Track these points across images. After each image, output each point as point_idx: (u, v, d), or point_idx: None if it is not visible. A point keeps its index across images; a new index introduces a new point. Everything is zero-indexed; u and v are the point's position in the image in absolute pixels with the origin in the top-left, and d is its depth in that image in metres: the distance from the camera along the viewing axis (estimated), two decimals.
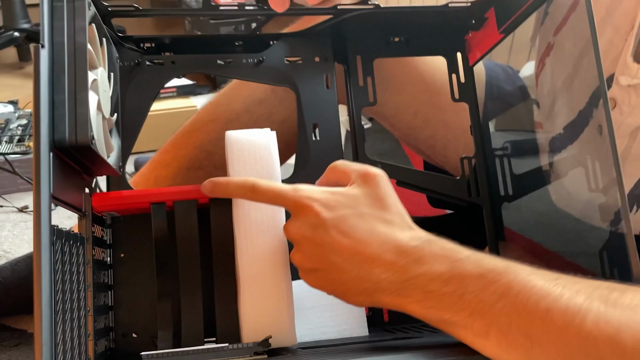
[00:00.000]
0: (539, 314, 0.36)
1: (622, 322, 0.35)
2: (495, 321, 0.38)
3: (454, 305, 0.39)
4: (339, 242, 0.42)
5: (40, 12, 0.40)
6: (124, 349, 0.53)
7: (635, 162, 0.63)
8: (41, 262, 0.36)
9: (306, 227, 0.43)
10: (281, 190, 0.45)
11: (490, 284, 0.39)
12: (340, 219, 0.43)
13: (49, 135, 0.39)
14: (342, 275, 0.42)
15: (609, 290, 0.37)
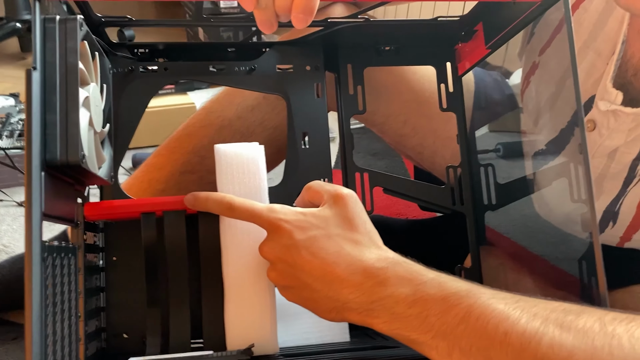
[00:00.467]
0: (498, 337, 0.38)
1: (575, 345, 0.37)
2: (458, 343, 0.39)
3: (419, 327, 0.41)
4: (310, 262, 0.44)
5: (32, 33, 0.42)
6: (115, 349, 0.55)
7: (612, 181, 0.64)
8: (32, 278, 0.38)
9: (279, 247, 0.45)
10: (256, 210, 0.47)
11: (452, 307, 0.40)
12: (311, 239, 0.45)
13: (41, 155, 0.40)
14: (313, 293, 0.44)
15: (565, 313, 0.39)
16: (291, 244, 0.45)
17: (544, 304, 0.40)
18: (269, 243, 0.47)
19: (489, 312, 0.39)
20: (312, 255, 0.44)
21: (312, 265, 0.44)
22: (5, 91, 1.63)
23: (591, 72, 0.64)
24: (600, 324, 0.38)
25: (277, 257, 0.46)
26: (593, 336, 0.37)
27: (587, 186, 0.48)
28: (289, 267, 0.45)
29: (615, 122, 0.61)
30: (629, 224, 0.66)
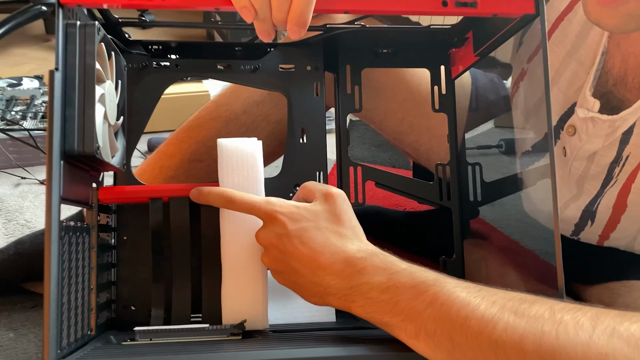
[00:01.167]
0: (459, 321, 0.43)
1: (526, 329, 0.41)
2: (424, 326, 0.44)
3: (390, 311, 0.46)
4: (299, 250, 0.49)
5: (55, 37, 0.47)
6: (123, 319, 0.61)
7: (592, 182, 0.68)
8: (50, 254, 0.43)
9: (273, 235, 0.51)
10: (254, 202, 0.53)
11: (420, 293, 0.45)
12: (301, 230, 0.50)
13: (60, 145, 0.46)
14: (299, 278, 0.50)
15: (520, 302, 0.44)
16: (284, 232, 0.50)
17: (503, 294, 0.45)
18: (264, 231, 0.52)
19: (453, 299, 0.44)
20: (301, 244, 0.49)
21: (301, 253, 0.49)
22: (30, 73, 1.70)
23: (573, 80, 0.67)
24: (550, 312, 0.42)
25: (271, 244, 0.51)
26: (543, 322, 0.42)
27: (552, 194, 0.52)
28: (280, 254, 0.50)
29: (593, 128, 0.65)
30: (605, 223, 0.70)
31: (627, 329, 0.41)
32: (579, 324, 0.41)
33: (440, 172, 0.71)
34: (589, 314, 0.42)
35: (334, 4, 0.50)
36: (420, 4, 0.51)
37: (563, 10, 0.69)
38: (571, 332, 0.41)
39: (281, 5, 0.48)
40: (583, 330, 0.41)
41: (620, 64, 0.64)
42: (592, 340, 0.40)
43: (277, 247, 0.51)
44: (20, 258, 0.83)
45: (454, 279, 0.47)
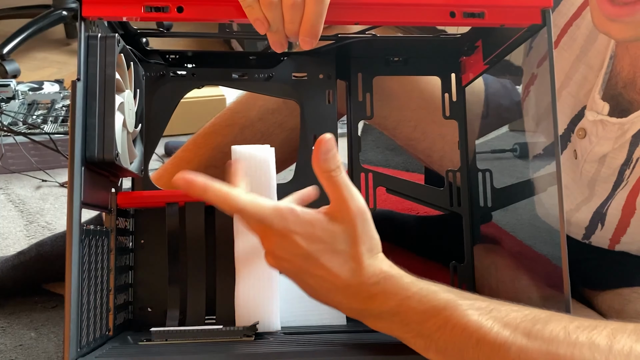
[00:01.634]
0: (471, 344, 0.43)
1: (542, 352, 0.41)
2: (434, 344, 0.45)
3: (400, 330, 0.47)
4: (312, 271, 0.48)
5: (77, 49, 0.49)
6: (140, 321, 0.63)
7: (603, 184, 0.69)
8: (71, 256, 0.46)
9: (286, 252, 0.48)
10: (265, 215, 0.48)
11: (430, 317, 0.45)
12: (317, 252, 0.47)
13: (82, 152, 0.48)
14: (311, 291, 0.49)
15: (533, 322, 0.43)
16: (299, 252, 0.47)
17: (515, 314, 0.45)
18: (276, 247, 0.48)
19: (464, 323, 0.44)
20: (316, 266, 0.48)
21: (315, 273, 0.48)
22: (51, 76, 1.74)
23: (583, 84, 0.68)
24: (565, 332, 0.42)
25: (282, 259, 0.48)
26: (557, 344, 0.41)
27: (559, 200, 0.53)
28: (293, 267, 0.48)
29: (603, 130, 0.66)
30: (616, 227, 0.70)
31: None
32: (595, 345, 0.41)
33: (451, 178, 0.72)
34: (605, 332, 0.42)
35: (344, 16, 0.52)
36: (428, 15, 0.53)
37: (571, 16, 0.70)
38: (587, 354, 0.41)
39: (293, 17, 0.49)
40: (599, 352, 0.41)
41: (629, 67, 0.64)
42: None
43: (290, 262, 0.48)
44: (41, 259, 0.86)
45: (466, 299, 0.46)
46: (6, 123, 1.27)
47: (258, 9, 0.49)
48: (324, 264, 0.48)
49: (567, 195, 0.75)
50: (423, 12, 0.53)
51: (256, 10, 0.49)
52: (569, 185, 0.74)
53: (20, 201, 1.14)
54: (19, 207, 1.12)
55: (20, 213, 1.10)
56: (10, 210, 1.11)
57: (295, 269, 0.49)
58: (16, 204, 1.13)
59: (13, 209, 1.11)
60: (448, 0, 0.52)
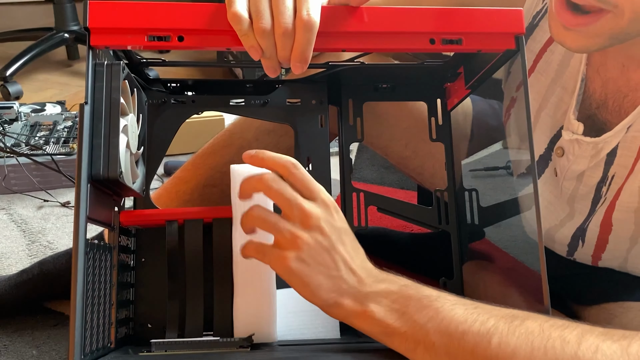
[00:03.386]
0: (457, 336, 0.47)
1: (518, 345, 0.46)
2: (423, 339, 0.48)
3: (396, 320, 0.50)
4: (340, 249, 0.53)
5: (85, 75, 0.53)
6: (140, 336, 0.66)
7: (582, 201, 0.72)
8: (77, 268, 0.49)
9: (327, 223, 0.53)
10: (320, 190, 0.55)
11: (424, 307, 0.49)
12: (340, 232, 0.54)
13: (88, 170, 0.51)
14: (333, 270, 0.52)
15: (513, 318, 0.48)
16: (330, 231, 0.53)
17: (497, 311, 0.49)
18: (315, 208, 0.53)
19: (452, 315, 0.49)
20: (342, 243, 0.53)
21: (340, 251, 0.53)
22: (52, 98, 1.78)
23: (559, 105, 0.72)
24: (540, 328, 0.47)
25: (323, 230, 0.52)
26: (532, 338, 0.46)
27: (537, 219, 0.56)
28: (328, 243, 0.52)
29: (579, 149, 0.70)
30: (595, 244, 0.74)
31: (610, 347, 0.45)
32: (566, 341, 0.45)
33: (439, 197, 0.75)
34: (575, 331, 0.46)
35: (332, 43, 0.56)
36: (410, 42, 0.57)
37: (545, 42, 0.74)
38: (558, 348, 0.45)
39: (285, 44, 0.53)
40: (569, 346, 0.45)
41: (600, 89, 0.68)
42: (577, 356, 0.44)
43: (327, 237, 0.52)
44: (43, 278, 0.88)
45: (454, 296, 0.51)
46: (9, 144, 1.30)
47: (252, 37, 0.53)
48: (346, 243, 0.54)
49: (550, 212, 0.78)
50: (405, 39, 0.57)
51: (251, 39, 0.53)
52: (552, 202, 0.77)
53: (22, 221, 1.16)
54: (21, 227, 1.14)
55: (22, 232, 1.12)
56: (12, 229, 1.14)
57: (326, 244, 0.53)
58: (18, 224, 1.15)
59: (15, 228, 1.14)
60: (428, 28, 0.56)
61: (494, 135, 0.93)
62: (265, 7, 0.52)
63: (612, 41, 0.59)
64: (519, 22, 0.58)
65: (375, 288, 0.52)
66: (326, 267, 0.52)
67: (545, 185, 0.77)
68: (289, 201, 0.53)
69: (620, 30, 0.57)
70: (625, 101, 0.66)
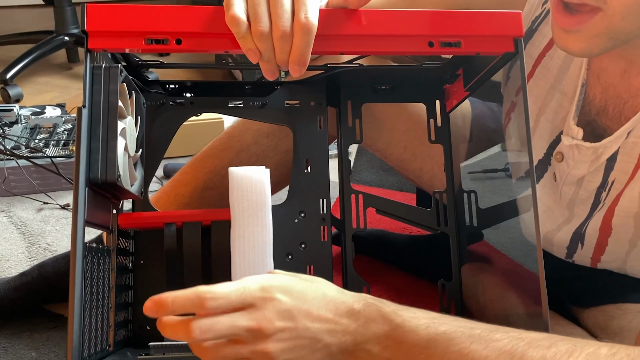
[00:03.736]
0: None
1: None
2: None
3: None
4: (308, 325, 0.47)
5: (83, 77, 0.53)
6: (139, 339, 0.66)
7: (581, 206, 0.72)
8: (75, 272, 0.49)
9: (280, 317, 0.47)
10: (247, 295, 0.46)
11: (416, 354, 0.47)
12: (296, 307, 0.47)
13: (86, 174, 0.51)
14: (316, 344, 0.48)
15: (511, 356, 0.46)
16: (285, 308, 0.47)
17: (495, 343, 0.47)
18: (261, 314, 0.46)
19: None
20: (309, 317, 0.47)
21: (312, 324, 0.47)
22: (52, 100, 1.78)
23: (559, 110, 0.72)
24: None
25: (281, 328, 0.46)
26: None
27: (535, 223, 0.56)
28: (295, 332, 0.47)
29: (579, 154, 0.69)
30: (594, 246, 0.73)
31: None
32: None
33: (437, 198, 0.75)
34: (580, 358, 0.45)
35: (330, 46, 0.56)
36: (408, 45, 0.57)
37: (544, 47, 0.74)
38: None
39: (283, 47, 0.53)
40: None
41: (600, 95, 0.68)
42: None
43: (289, 329, 0.47)
44: (42, 281, 0.88)
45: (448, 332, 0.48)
46: (9, 147, 1.30)
47: (250, 40, 0.53)
48: (312, 312, 0.48)
49: (548, 216, 0.78)
50: (403, 42, 0.56)
51: (249, 42, 0.53)
52: (550, 206, 0.77)
53: (22, 223, 1.16)
54: (21, 229, 1.14)
55: (22, 235, 1.12)
56: (12, 232, 1.14)
57: (293, 348, 0.47)
58: (18, 226, 1.15)
59: (15, 231, 1.14)
60: (426, 31, 0.56)
61: (493, 138, 0.93)
62: (264, 10, 0.52)
63: (613, 42, 0.58)
64: (518, 25, 0.58)
65: (362, 334, 0.49)
66: (308, 348, 0.48)
67: (543, 189, 0.77)
68: (231, 330, 0.45)
69: (616, 28, 0.56)
70: (625, 107, 0.66)
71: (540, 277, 0.56)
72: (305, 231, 0.69)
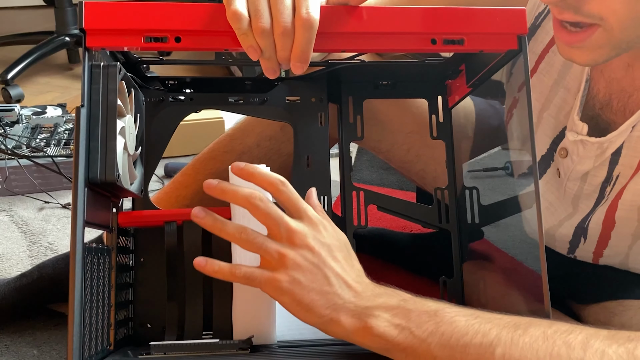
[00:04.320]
0: (459, 349, 0.46)
1: (522, 355, 0.45)
2: (424, 355, 0.47)
3: (397, 336, 0.49)
4: (331, 264, 0.53)
5: (81, 77, 0.52)
6: (140, 336, 0.65)
7: (586, 201, 0.72)
8: (75, 273, 0.48)
9: (314, 239, 0.53)
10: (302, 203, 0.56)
11: (424, 322, 0.49)
12: (331, 248, 0.53)
13: (85, 174, 0.51)
14: (326, 286, 0.52)
15: (515, 327, 0.47)
16: (319, 242, 0.53)
17: (498, 320, 0.48)
18: (301, 229, 0.53)
19: (452, 329, 0.48)
20: (333, 259, 0.53)
21: (333, 267, 0.52)
22: (53, 101, 1.78)
23: (562, 106, 0.72)
24: (544, 336, 0.46)
25: (310, 247, 0.52)
26: (537, 348, 0.45)
27: (538, 218, 0.56)
28: (317, 259, 0.52)
29: (584, 149, 0.69)
30: (597, 240, 0.73)
31: (616, 351, 0.44)
32: (571, 347, 0.45)
33: (439, 195, 0.75)
34: (580, 337, 0.45)
35: (332, 44, 0.55)
36: (411, 43, 0.56)
37: (547, 43, 0.73)
38: (564, 355, 0.44)
39: (284, 44, 0.52)
40: (575, 353, 0.44)
41: (604, 90, 0.68)
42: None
43: (315, 253, 0.52)
44: (42, 281, 0.88)
45: (453, 307, 0.50)
46: (10, 146, 1.30)
47: (251, 37, 0.52)
48: (338, 258, 0.53)
49: (551, 212, 0.77)
50: (406, 40, 0.56)
51: (250, 38, 0.52)
52: (553, 202, 0.77)
53: (23, 222, 1.16)
54: (22, 229, 1.14)
55: (23, 234, 1.12)
56: (13, 231, 1.13)
57: (317, 261, 0.52)
58: (19, 225, 1.15)
59: (16, 230, 1.14)
60: (429, 28, 0.56)
61: (495, 136, 0.93)
62: (265, 6, 0.52)
63: (617, 50, 0.59)
64: (521, 22, 0.57)
65: (373, 302, 0.51)
66: (318, 283, 0.51)
67: (546, 185, 0.77)
68: (275, 220, 0.53)
69: (617, 39, 0.57)
70: (630, 101, 0.65)
71: (543, 274, 0.55)
72: None
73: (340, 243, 0.55)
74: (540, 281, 0.66)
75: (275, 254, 0.52)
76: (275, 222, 0.53)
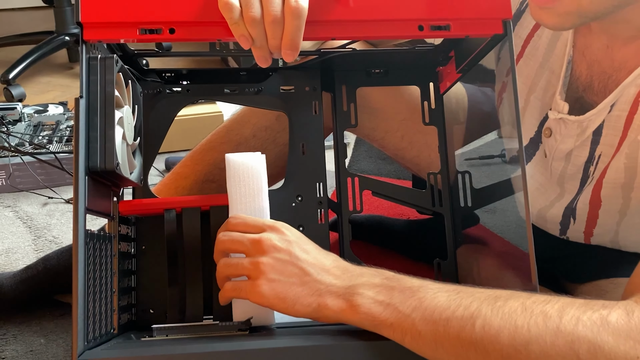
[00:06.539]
0: (442, 322, 0.48)
1: (501, 325, 0.46)
2: (409, 329, 0.49)
3: (382, 313, 0.50)
4: (303, 257, 0.55)
5: (79, 68, 0.54)
6: (142, 322, 0.67)
7: (571, 181, 0.73)
8: (78, 258, 0.50)
9: (280, 240, 0.56)
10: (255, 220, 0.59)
11: (407, 297, 0.50)
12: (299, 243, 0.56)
13: (85, 163, 0.53)
14: (304, 276, 0.54)
15: (495, 299, 0.48)
16: (289, 240, 0.56)
17: (479, 294, 0.50)
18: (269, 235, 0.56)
19: (435, 304, 0.49)
20: (304, 251, 0.56)
21: (306, 258, 0.55)
22: (55, 99, 1.80)
23: (548, 88, 0.73)
24: (522, 307, 0.47)
25: (274, 248, 0.55)
26: (516, 317, 0.47)
27: (525, 200, 0.57)
28: (287, 256, 0.55)
29: (565, 128, 0.71)
30: (586, 220, 0.75)
31: (590, 317, 0.46)
32: (547, 316, 0.46)
33: (432, 180, 0.76)
34: (557, 305, 0.47)
35: (321, 32, 0.57)
36: (399, 29, 0.57)
37: (532, 27, 0.75)
38: (540, 323, 0.46)
39: (275, 32, 0.54)
40: (551, 321, 0.46)
41: (586, 72, 0.69)
42: (559, 330, 0.45)
43: (284, 251, 0.55)
44: (48, 273, 0.90)
45: (436, 284, 0.52)
46: (13, 144, 1.32)
47: (243, 26, 0.54)
48: (308, 251, 0.56)
49: (541, 193, 0.79)
50: (393, 27, 0.57)
51: (241, 28, 0.54)
52: (543, 183, 0.78)
53: (28, 217, 1.18)
54: (27, 223, 1.16)
55: (28, 229, 1.15)
56: (18, 226, 1.16)
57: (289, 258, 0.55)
58: (24, 221, 1.17)
59: (21, 225, 1.16)
60: (416, 15, 0.57)
61: (488, 122, 0.94)
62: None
63: (582, 19, 0.61)
64: (506, 7, 0.58)
65: (355, 281, 0.53)
66: (296, 277, 0.54)
67: (536, 167, 0.78)
68: (239, 240, 0.57)
69: (584, 9, 0.59)
70: (609, 81, 0.67)
71: (530, 251, 0.57)
72: (303, 214, 0.70)
73: (307, 238, 0.57)
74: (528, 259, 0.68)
75: (250, 265, 0.55)
76: (240, 242, 0.57)
